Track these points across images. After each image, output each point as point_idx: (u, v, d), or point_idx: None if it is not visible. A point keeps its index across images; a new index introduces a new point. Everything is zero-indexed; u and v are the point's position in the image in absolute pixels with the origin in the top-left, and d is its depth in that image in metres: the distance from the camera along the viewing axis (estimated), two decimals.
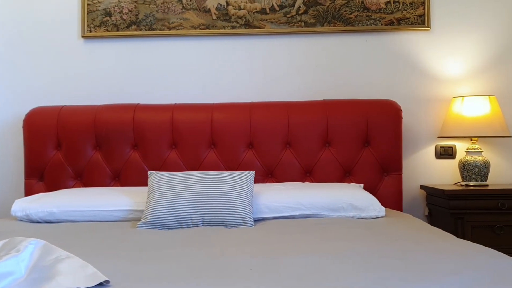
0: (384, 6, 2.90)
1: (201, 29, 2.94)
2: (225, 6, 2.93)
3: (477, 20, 2.91)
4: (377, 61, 2.93)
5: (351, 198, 2.29)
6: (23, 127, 2.78)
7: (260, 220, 2.22)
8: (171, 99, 2.87)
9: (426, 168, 2.91)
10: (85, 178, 2.75)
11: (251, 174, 2.33)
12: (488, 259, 1.45)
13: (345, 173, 2.71)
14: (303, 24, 2.91)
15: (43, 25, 2.99)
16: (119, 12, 2.95)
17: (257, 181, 2.54)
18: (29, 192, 2.70)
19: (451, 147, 2.90)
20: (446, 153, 2.90)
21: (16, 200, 2.37)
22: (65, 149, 2.75)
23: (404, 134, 2.78)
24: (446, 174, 2.89)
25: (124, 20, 2.95)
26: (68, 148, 2.74)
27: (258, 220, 2.21)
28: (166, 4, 2.94)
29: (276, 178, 2.70)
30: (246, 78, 2.95)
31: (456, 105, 2.75)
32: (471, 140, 2.77)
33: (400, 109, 2.72)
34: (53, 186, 2.71)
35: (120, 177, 2.75)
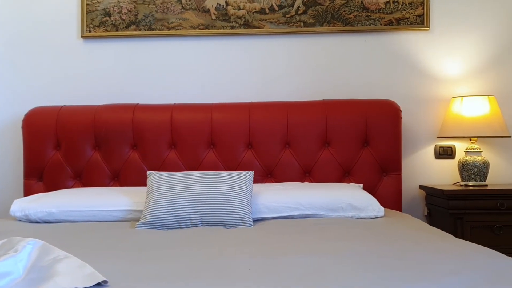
0: (383, 6, 2.90)
1: (200, 29, 2.94)
2: (224, 6, 2.93)
3: (476, 20, 2.91)
4: (376, 61, 2.93)
5: (350, 198, 2.29)
6: (22, 127, 2.78)
7: (259, 220, 2.22)
8: (170, 99, 2.87)
9: (426, 168, 2.91)
10: (84, 178, 2.75)
11: (250, 174, 2.32)
12: (486, 259, 1.45)
13: (344, 173, 2.71)
14: (302, 24, 2.91)
15: (42, 25, 2.99)
16: (118, 12, 2.95)
17: (256, 181, 2.54)
18: (28, 192, 2.70)
19: (451, 147, 2.90)
20: (445, 153, 2.90)
21: (15, 200, 2.37)
22: (65, 149, 2.75)
23: (404, 134, 2.78)
24: (446, 174, 2.89)
25: (124, 20, 2.95)
26: (67, 148, 2.75)
27: (257, 220, 2.21)
28: (165, 4, 2.94)
29: (275, 178, 2.70)
30: (245, 78, 2.95)
31: (455, 105, 2.75)
32: (470, 140, 2.77)
33: (400, 109, 2.72)
34: (52, 186, 2.71)
35: (119, 177, 2.75)
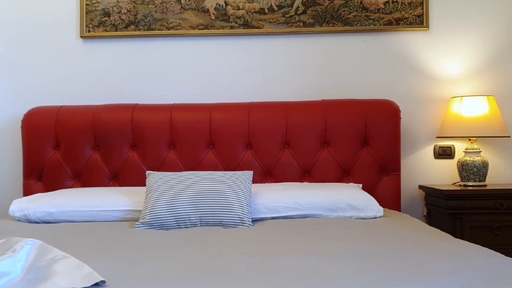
0: (382, 6, 2.90)
1: (199, 29, 2.94)
2: (224, 6, 2.93)
3: (475, 20, 2.91)
4: (375, 61, 2.93)
5: (350, 198, 2.28)
6: (21, 127, 2.78)
7: (259, 220, 2.22)
8: (169, 99, 2.87)
9: (425, 168, 2.91)
10: (84, 178, 2.75)
11: (249, 174, 2.32)
12: (485, 259, 1.46)
13: (344, 173, 2.71)
14: (301, 24, 2.91)
15: (42, 25, 2.99)
16: (118, 12, 2.95)
17: (256, 181, 2.54)
18: (28, 192, 2.70)
19: (450, 147, 2.90)
20: (444, 153, 2.90)
21: (14, 200, 2.36)
22: (64, 149, 2.75)
23: (403, 134, 2.78)
24: (445, 174, 2.89)
25: (123, 20, 2.95)
26: (66, 148, 2.74)
27: (256, 220, 2.21)
28: (165, 4, 2.94)
29: (275, 178, 2.70)
30: (245, 78, 2.94)
31: (454, 105, 2.75)
32: (469, 140, 2.77)
33: (399, 109, 2.72)
34: (52, 186, 2.71)
35: (118, 177, 2.75)
